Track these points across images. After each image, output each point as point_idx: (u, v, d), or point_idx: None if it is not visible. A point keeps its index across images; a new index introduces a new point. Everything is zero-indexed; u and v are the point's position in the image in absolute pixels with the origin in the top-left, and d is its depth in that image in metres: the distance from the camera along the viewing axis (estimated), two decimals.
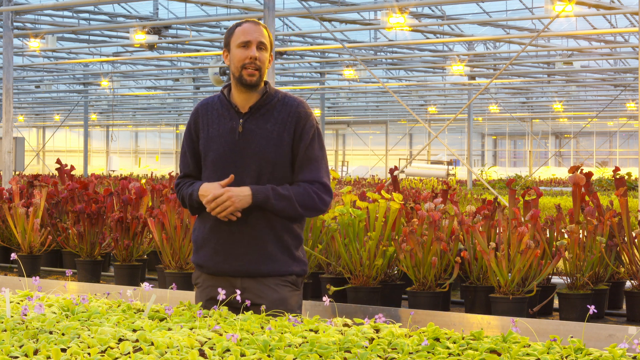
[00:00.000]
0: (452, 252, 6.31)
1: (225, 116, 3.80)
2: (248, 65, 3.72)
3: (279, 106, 3.78)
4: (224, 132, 3.77)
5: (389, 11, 14.61)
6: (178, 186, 3.90)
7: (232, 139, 3.75)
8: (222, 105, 3.82)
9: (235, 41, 3.75)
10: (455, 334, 3.05)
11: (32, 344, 2.75)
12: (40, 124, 58.62)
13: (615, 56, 23.91)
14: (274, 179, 3.73)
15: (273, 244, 3.75)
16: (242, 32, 3.75)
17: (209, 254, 3.79)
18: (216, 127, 3.79)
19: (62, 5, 18.46)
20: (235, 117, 3.78)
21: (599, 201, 6.47)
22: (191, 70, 28.97)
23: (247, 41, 3.73)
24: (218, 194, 3.64)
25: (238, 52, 3.74)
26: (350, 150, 57.95)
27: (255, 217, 3.72)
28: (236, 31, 3.77)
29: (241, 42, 3.73)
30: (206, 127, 3.81)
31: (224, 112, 3.80)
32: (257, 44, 3.73)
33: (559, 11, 12.85)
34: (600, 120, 46.13)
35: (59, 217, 8.49)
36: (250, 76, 3.72)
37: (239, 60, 3.73)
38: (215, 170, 3.77)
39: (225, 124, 3.78)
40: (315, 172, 3.75)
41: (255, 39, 3.73)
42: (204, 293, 3.83)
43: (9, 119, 13.32)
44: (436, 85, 33.22)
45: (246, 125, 3.76)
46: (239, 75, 3.74)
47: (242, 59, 3.72)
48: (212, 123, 3.80)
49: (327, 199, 3.76)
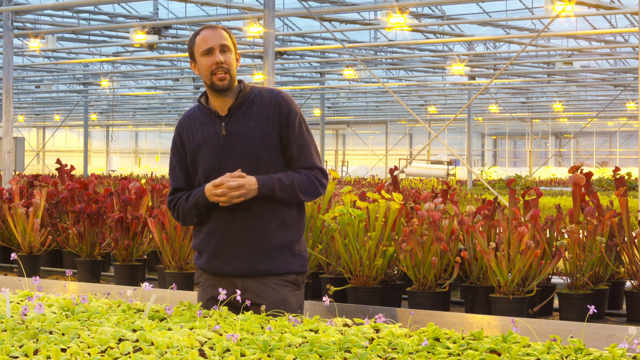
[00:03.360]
0: (452, 252, 6.31)
1: (208, 123, 3.82)
2: (216, 70, 3.74)
3: (257, 101, 3.80)
4: (208, 138, 3.80)
5: (389, 11, 14.61)
6: (172, 203, 3.90)
7: (217, 143, 3.78)
8: (202, 114, 3.85)
9: (198, 50, 3.78)
10: (455, 334, 3.05)
11: (32, 344, 2.75)
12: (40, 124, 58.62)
13: (615, 56, 23.92)
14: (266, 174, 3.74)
15: (271, 241, 3.77)
16: (202, 40, 3.77)
17: (208, 258, 3.84)
18: (201, 135, 3.82)
19: (62, 5, 18.46)
20: (217, 121, 3.81)
21: (599, 201, 6.47)
22: (191, 70, 28.91)
23: (209, 48, 3.75)
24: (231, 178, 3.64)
25: (203, 60, 3.77)
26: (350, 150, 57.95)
27: (250, 218, 3.75)
28: (196, 40, 3.79)
29: (204, 50, 3.76)
30: (191, 137, 3.84)
31: (206, 119, 3.83)
32: (220, 48, 3.75)
33: (559, 11, 12.85)
34: (600, 120, 46.14)
35: (59, 217, 8.49)
36: (221, 80, 3.75)
37: (206, 68, 3.76)
38: (206, 178, 3.79)
39: (209, 130, 3.81)
40: (310, 158, 3.82)
41: (216, 43, 3.75)
42: (205, 292, 3.87)
43: (9, 119, 13.32)
44: (436, 85, 33.22)
45: (228, 127, 3.78)
46: (210, 83, 3.77)
47: (208, 66, 3.75)
48: (196, 132, 3.83)
49: (325, 182, 3.85)
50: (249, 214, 3.75)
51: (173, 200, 3.91)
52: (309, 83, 31.67)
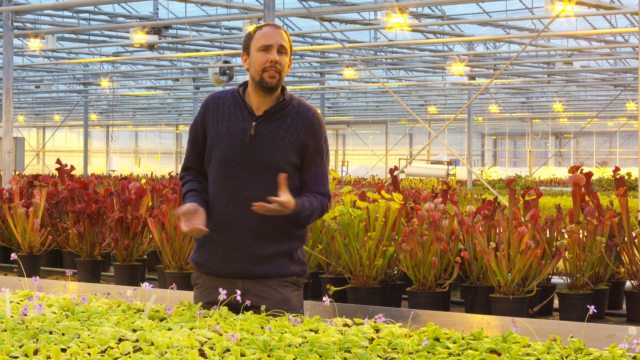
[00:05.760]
0: (452, 252, 6.31)
1: (238, 115, 3.74)
2: (269, 68, 3.68)
3: (292, 113, 3.74)
4: (234, 131, 3.72)
5: (389, 11, 14.61)
6: (182, 181, 3.89)
7: (242, 141, 3.70)
8: (235, 103, 3.77)
9: (255, 44, 3.71)
10: (455, 334, 3.05)
11: (32, 344, 2.75)
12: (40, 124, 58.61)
13: (615, 56, 23.91)
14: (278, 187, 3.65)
15: (273, 246, 3.72)
16: (262, 36, 3.71)
17: (209, 253, 3.77)
18: (226, 125, 3.74)
19: (62, 5, 18.46)
20: (249, 118, 3.73)
21: (599, 201, 6.47)
22: (191, 70, 28.96)
23: (268, 45, 3.69)
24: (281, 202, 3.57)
25: (258, 56, 3.70)
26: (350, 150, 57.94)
27: (257, 220, 3.69)
28: (256, 34, 3.73)
29: (262, 45, 3.69)
30: (215, 122, 3.76)
31: (236, 111, 3.75)
32: (278, 48, 3.69)
33: (559, 11, 12.85)
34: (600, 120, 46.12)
35: (59, 217, 8.49)
36: (271, 78, 3.68)
37: (259, 64, 3.69)
38: (221, 170, 3.72)
39: (237, 124, 3.73)
40: (326, 185, 3.79)
41: (276, 42, 3.69)
42: (204, 294, 3.79)
43: (9, 119, 13.33)
44: (436, 85, 33.21)
45: (258, 128, 3.71)
46: (259, 79, 3.69)
47: (262, 62, 3.68)
48: (222, 120, 3.75)
49: (328, 208, 3.83)
50: (257, 217, 3.67)
51: (182, 179, 3.89)
52: (309, 83, 31.66)
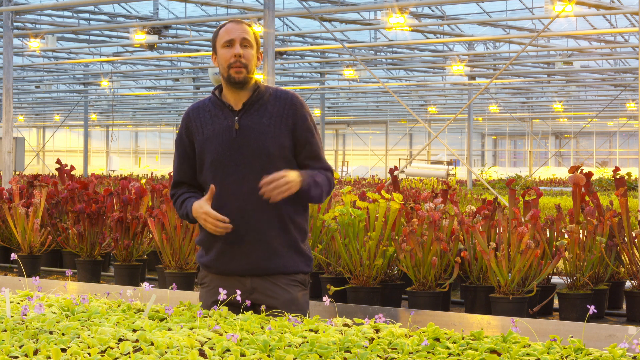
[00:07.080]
0: (452, 252, 6.31)
1: (219, 116, 3.79)
2: (233, 63, 3.73)
3: (272, 100, 3.79)
4: (219, 131, 3.76)
5: (389, 11, 14.61)
6: (173, 197, 3.91)
7: (229, 137, 3.74)
8: (214, 106, 3.82)
9: (219, 42, 3.78)
10: (455, 334, 3.05)
11: (32, 344, 2.75)
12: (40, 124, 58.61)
13: (615, 56, 23.92)
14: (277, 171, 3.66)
15: (279, 238, 3.73)
16: (225, 32, 3.77)
17: (216, 255, 3.78)
18: (211, 128, 3.78)
19: (62, 5, 18.46)
20: (230, 115, 3.78)
21: (599, 201, 6.47)
22: (191, 70, 28.96)
23: (230, 39, 3.75)
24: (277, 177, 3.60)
25: (223, 52, 3.76)
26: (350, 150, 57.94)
27: (260, 213, 3.70)
28: (220, 32, 3.80)
29: (225, 41, 3.76)
30: (200, 129, 3.80)
31: (217, 112, 3.80)
32: (240, 41, 3.74)
33: (559, 11, 12.85)
34: (600, 120, 46.13)
35: (59, 217, 8.49)
36: (237, 74, 3.74)
37: (225, 60, 3.76)
38: (214, 171, 3.75)
39: (221, 123, 3.77)
40: (324, 159, 3.83)
41: (237, 36, 3.74)
42: (210, 293, 3.79)
43: (9, 119, 13.32)
44: (436, 85, 33.21)
45: (242, 121, 3.75)
46: (227, 75, 3.76)
47: (227, 58, 3.75)
48: (206, 124, 3.79)
49: (334, 182, 3.86)
50: (260, 210, 3.69)
51: (173, 196, 3.90)
52: (309, 83, 31.66)
